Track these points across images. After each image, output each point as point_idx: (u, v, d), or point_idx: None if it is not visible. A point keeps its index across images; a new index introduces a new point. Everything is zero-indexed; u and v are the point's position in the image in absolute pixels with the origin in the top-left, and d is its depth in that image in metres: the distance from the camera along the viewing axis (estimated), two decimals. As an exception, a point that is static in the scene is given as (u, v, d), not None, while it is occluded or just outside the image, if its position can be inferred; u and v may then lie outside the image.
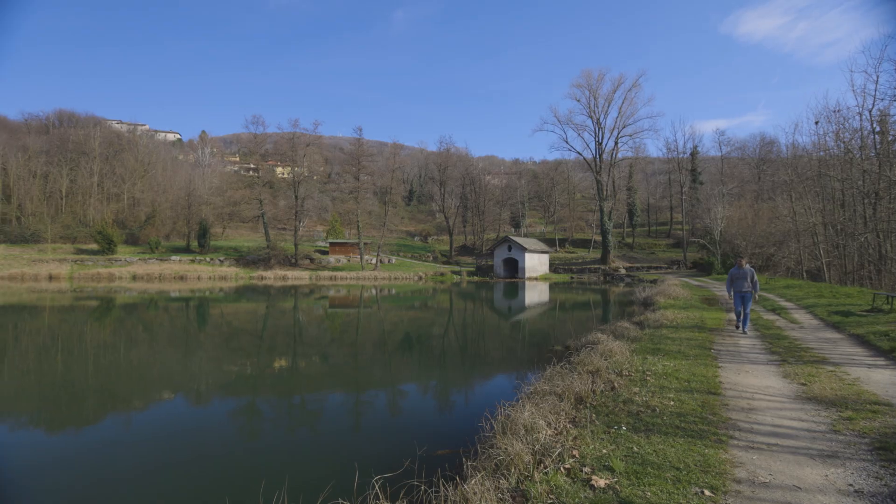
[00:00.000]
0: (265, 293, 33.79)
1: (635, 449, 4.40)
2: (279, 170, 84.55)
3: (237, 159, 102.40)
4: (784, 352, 8.91)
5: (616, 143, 57.34)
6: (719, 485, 3.66)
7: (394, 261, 58.75)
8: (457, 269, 56.88)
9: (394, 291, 36.94)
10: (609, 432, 4.90)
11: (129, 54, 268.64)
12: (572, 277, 52.44)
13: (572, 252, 67.03)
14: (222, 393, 9.39)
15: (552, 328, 18.34)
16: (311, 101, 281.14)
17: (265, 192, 58.39)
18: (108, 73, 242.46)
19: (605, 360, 8.15)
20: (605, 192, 57.26)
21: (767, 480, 3.75)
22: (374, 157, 63.03)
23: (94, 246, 54.40)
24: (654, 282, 36.10)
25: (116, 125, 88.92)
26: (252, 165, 77.12)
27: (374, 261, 55.04)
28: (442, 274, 53.06)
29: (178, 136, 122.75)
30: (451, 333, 17.62)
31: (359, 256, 55.72)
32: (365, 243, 56.82)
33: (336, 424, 7.43)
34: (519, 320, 21.52)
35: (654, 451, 4.34)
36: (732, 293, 11.58)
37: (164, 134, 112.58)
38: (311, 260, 55.94)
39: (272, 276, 48.94)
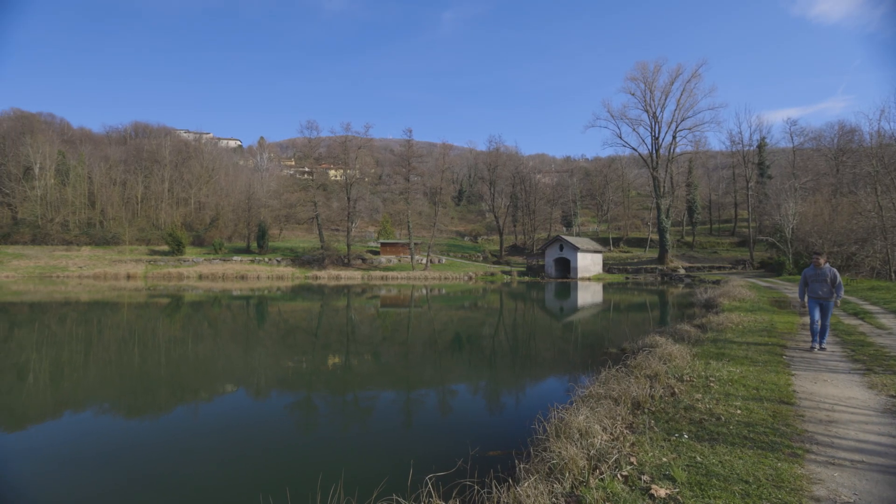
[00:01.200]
0: (319, 292, 34.99)
1: (698, 459, 4.16)
2: (332, 172, 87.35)
3: (293, 163, 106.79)
4: (869, 360, 8.14)
5: (674, 138, 54.75)
6: (794, 502, 3.39)
7: (444, 261, 59.08)
8: (507, 269, 56.38)
9: (444, 291, 37.16)
10: (669, 440, 4.67)
11: (195, 67, 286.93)
12: (627, 278, 50.58)
13: (627, 251, 64.68)
14: (280, 387, 9.80)
15: (606, 330, 17.77)
16: (363, 104, 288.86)
17: (319, 195, 60.47)
18: (176, 85, 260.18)
19: (664, 364, 7.78)
20: (662, 189, 54.81)
21: (852, 500, 3.43)
22: (423, 157, 63.73)
23: (165, 247, 58.56)
24: (716, 282, 34.18)
25: (184, 134, 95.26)
26: (307, 169, 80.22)
27: (424, 261, 55.61)
28: (492, 274, 52.78)
29: (238, 142, 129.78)
30: (502, 334, 17.48)
31: (409, 256, 56.50)
32: (415, 243, 57.54)
33: (388, 421, 7.55)
34: (571, 321, 21.01)
35: (720, 461, 4.09)
36: (807, 299, 9.39)
37: (226, 141, 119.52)
38: (363, 260, 57.34)
39: (326, 276, 50.59)
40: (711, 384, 6.63)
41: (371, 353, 13.81)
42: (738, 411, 5.44)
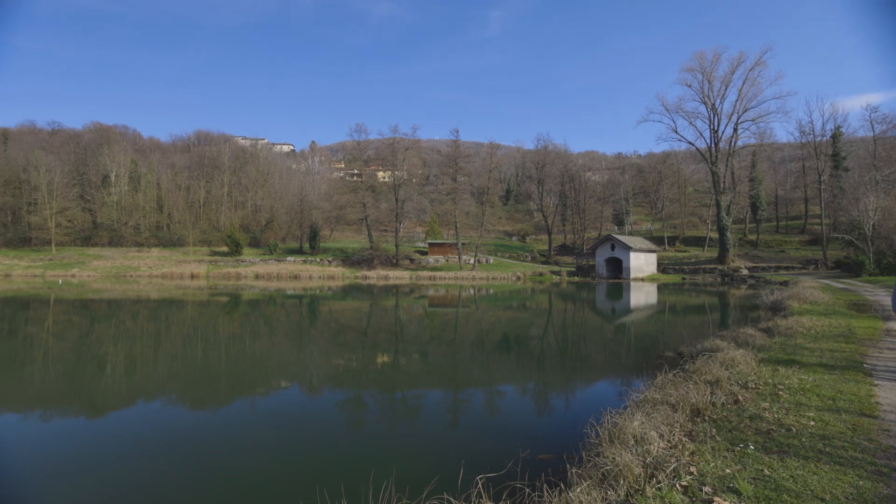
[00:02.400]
0: (369, 292, 35.75)
1: (766, 472, 3.89)
2: (380, 174, 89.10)
3: (342, 166, 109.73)
4: (966, 369, 7.32)
5: (735, 130, 51.63)
6: (881, 524, 3.09)
7: (491, 261, 58.80)
8: (556, 269, 55.34)
9: (491, 291, 36.97)
10: (733, 450, 4.40)
11: (251, 76, 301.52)
12: (684, 278, 48.32)
13: (684, 251, 61.78)
14: (331, 384, 10.08)
15: (661, 332, 17.04)
16: (410, 106, 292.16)
17: (368, 196, 61.83)
18: (234, 94, 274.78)
19: (727, 369, 7.35)
20: (722, 185, 51.89)
21: (949, 525, 3.08)
22: (470, 157, 63.66)
23: (224, 248, 61.88)
24: (784, 283, 31.98)
25: (241, 140, 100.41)
26: (356, 171, 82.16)
27: (471, 261, 55.60)
28: (541, 274, 52.00)
29: (291, 147, 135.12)
30: (551, 335, 17.16)
31: (457, 257, 56.63)
32: (463, 243, 57.61)
33: (436, 421, 7.58)
34: (623, 323, 20.31)
35: (791, 476, 3.80)
36: None
37: (279, 146, 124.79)
38: (411, 260, 58.05)
39: (375, 276, 51.63)
40: (780, 392, 6.19)
41: (419, 352, 13.94)
42: (812, 423, 5.04)
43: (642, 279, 48.30)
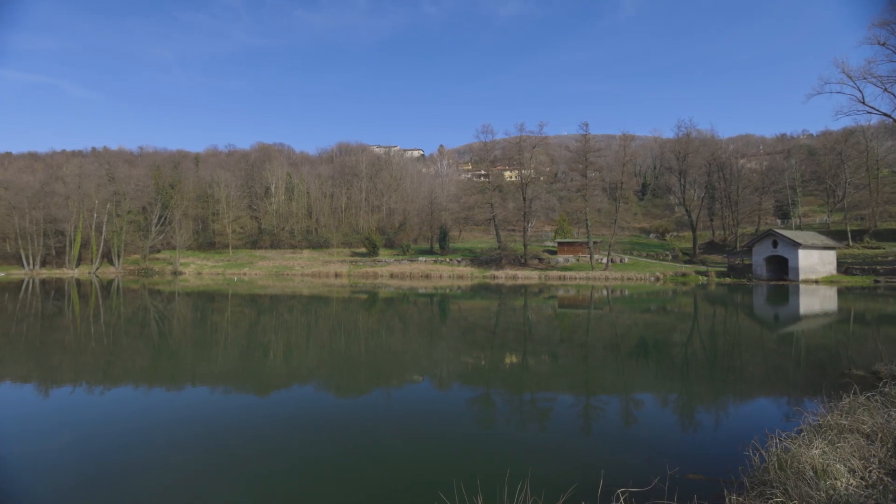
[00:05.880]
0: (497, 291, 35.99)
1: None
2: (507, 174, 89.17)
3: (470, 167, 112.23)
4: None
5: (952, 94, 40.89)
6: None
7: (626, 260, 55.13)
8: (702, 268, 49.76)
9: (627, 293, 34.61)
10: (963, 500, 3.44)
11: (385, 88, 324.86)
12: (877, 281, 39.76)
13: (876, 247, 50.82)
14: (461, 381, 10.32)
15: (844, 346, 14.23)
16: (538, 103, 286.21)
17: (495, 196, 62.24)
18: (370, 106, 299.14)
19: (947, 395, 5.83)
20: (930, 165, 41.55)
21: None
22: (601, 151, 60.29)
23: (363, 249, 67.71)
24: None
25: (376, 149, 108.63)
26: (483, 172, 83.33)
27: (604, 260, 52.76)
28: (684, 274, 47.23)
29: (421, 152, 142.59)
30: (696, 342, 15.44)
31: (588, 256, 54.23)
32: (595, 242, 55.01)
33: (568, 425, 7.30)
34: (790, 332, 17.44)
35: None
36: None
37: (410, 151, 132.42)
38: (540, 260, 57.09)
39: (503, 276, 51.82)
40: None
41: (548, 353, 13.60)
42: None
43: (816, 281, 40.99)
